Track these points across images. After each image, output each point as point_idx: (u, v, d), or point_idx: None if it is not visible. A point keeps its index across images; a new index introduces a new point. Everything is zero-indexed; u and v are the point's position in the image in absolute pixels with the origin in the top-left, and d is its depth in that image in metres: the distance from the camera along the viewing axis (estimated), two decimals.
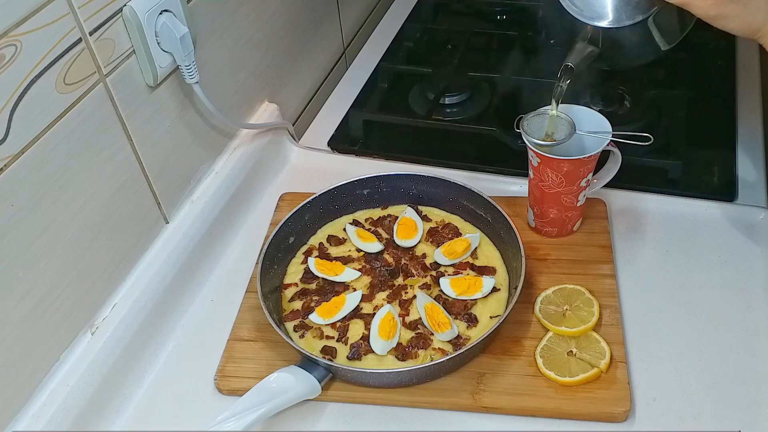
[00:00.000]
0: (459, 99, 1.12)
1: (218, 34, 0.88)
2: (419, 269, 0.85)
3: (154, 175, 0.81)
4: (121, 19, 0.71)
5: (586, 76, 1.11)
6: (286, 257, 0.88)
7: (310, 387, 0.72)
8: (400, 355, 0.76)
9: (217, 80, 0.90)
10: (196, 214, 0.88)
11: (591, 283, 0.82)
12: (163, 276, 0.82)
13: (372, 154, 1.06)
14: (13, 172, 0.62)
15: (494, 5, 1.38)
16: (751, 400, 0.72)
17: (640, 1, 0.76)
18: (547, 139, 0.82)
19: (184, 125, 0.85)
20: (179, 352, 0.82)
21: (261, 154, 1.00)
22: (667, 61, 1.18)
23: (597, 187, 0.88)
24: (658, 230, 0.90)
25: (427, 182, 0.91)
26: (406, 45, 1.29)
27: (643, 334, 0.78)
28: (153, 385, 0.79)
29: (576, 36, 0.82)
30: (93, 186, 0.72)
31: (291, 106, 1.13)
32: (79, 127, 0.68)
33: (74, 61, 0.66)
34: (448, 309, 0.80)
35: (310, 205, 0.89)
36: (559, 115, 0.82)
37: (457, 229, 0.89)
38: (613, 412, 0.71)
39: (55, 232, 0.68)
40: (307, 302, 0.83)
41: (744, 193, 0.93)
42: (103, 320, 0.76)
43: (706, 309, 0.80)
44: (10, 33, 0.59)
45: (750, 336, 0.77)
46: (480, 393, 0.73)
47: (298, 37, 1.11)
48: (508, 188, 0.97)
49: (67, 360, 0.72)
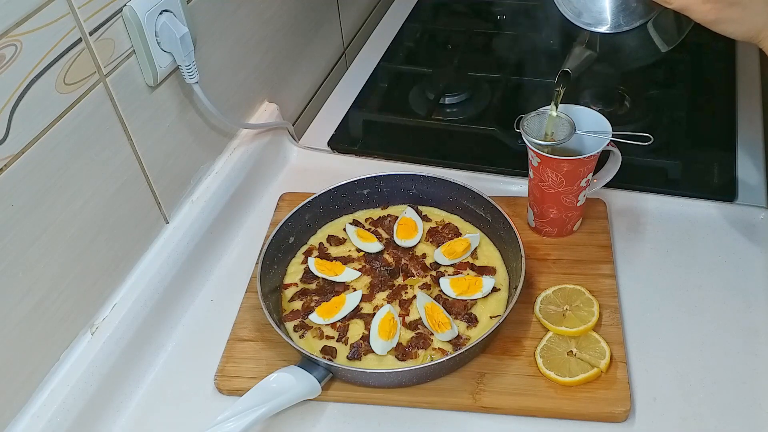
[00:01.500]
0: (459, 99, 1.12)
1: (218, 34, 0.88)
2: (419, 269, 0.85)
3: (154, 175, 0.81)
4: (121, 19, 0.71)
5: (586, 77, 1.11)
6: (286, 257, 0.88)
7: (310, 387, 0.72)
8: (400, 355, 0.76)
9: (217, 80, 0.90)
10: (196, 214, 0.88)
11: (591, 283, 0.82)
12: (163, 276, 0.82)
13: (372, 154, 1.06)
14: (13, 172, 0.62)
15: (494, 5, 1.38)
16: (751, 400, 0.72)
17: (638, 6, 0.76)
18: (547, 139, 0.82)
19: (184, 125, 0.85)
20: (179, 352, 0.82)
21: (261, 154, 1.00)
22: (667, 61, 1.18)
23: (597, 187, 0.88)
24: (658, 230, 0.90)
25: (427, 182, 0.91)
26: (406, 45, 1.30)
27: (643, 334, 0.78)
28: (153, 385, 0.79)
29: (574, 40, 0.82)
30: (93, 186, 0.72)
31: (291, 106, 1.13)
32: (79, 127, 0.68)
33: (74, 61, 0.66)
34: (448, 309, 0.80)
35: (310, 205, 0.89)
36: (559, 115, 0.82)
37: (457, 229, 0.89)
38: (613, 412, 0.71)
39: (55, 232, 0.68)
40: (307, 302, 0.83)
41: (744, 193, 0.93)
42: (103, 320, 0.76)
43: (706, 309, 0.80)
44: (10, 33, 0.59)
45: (750, 336, 0.77)
46: (480, 393, 0.73)
47: (298, 37, 1.11)
48: (508, 188, 0.97)
49: (67, 360, 0.72)
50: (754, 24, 0.71)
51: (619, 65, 0.90)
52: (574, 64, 0.80)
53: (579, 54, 0.80)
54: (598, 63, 0.81)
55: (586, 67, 0.81)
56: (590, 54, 0.80)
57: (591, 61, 0.81)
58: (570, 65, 0.80)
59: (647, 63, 0.86)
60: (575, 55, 0.81)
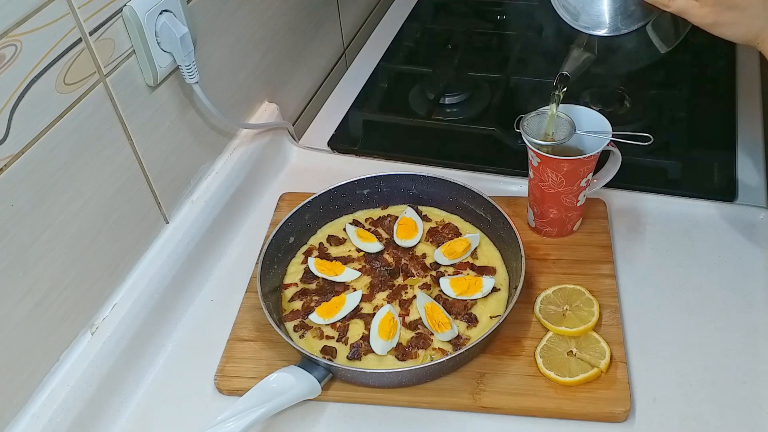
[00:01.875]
0: (459, 99, 1.12)
1: (218, 34, 0.88)
2: (419, 269, 0.85)
3: (154, 175, 0.81)
4: (121, 19, 0.71)
5: (587, 77, 1.11)
6: (286, 257, 0.88)
7: (310, 387, 0.72)
8: (400, 355, 0.76)
9: (217, 80, 0.90)
10: (196, 214, 0.88)
11: (591, 283, 0.82)
12: (163, 276, 0.82)
13: (372, 154, 1.06)
14: (13, 172, 0.62)
15: (494, 5, 1.38)
16: (751, 400, 0.72)
17: (637, 10, 0.76)
18: (547, 139, 0.82)
19: (184, 125, 0.85)
20: (179, 352, 0.82)
21: (261, 154, 1.00)
22: (667, 61, 1.18)
23: (597, 187, 0.88)
24: (658, 230, 0.90)
25: (427, 182, 0.91)
26: (406, 45, 1.30)
27: (643, 334, 0.78)
28: (153, 385, 0.79)
29: (572, 41, 0.82)
30: (93, 186, 0.72)
31: (291, 106, 1.13)
32: (79, 127, 0.68)
33: (74, 61, 0.66)
34: (448, 309, 0.80)
35: (310, 205, 0.89)
36: (559, 115, 0.82)
37: (457, 229, 0.89)
38: (613, 412, 0.71)
39: (55, 232, 0.68)
40: (307, 302, 0.83)
41: (744, 193, 0.93)
42: (103, 320, 0.76)
43: (706, 309, 0.80)
44: (10, 33, 0.59)
45: (750, 336, 0.77)
46: (480, 393, 0.73)
47: (298, 37, 1.11)
48: (508, 188, 0.97)
49: (67, 360, 0.72)
50: (752, 27, 0.71)
51: (618, 66, 0.90)
52: (572, 67, 0.80)
53: (577, 56, 0.80)
54: (597, 64, 0.81)
55: (584, 69, 0.81)
56: (588, 56, 0.80)
57: (589, 63, 0.81)
58: (568, 68, 0.80)
59: (647, 64, 0.86)
60: (573, 57, 0.81)
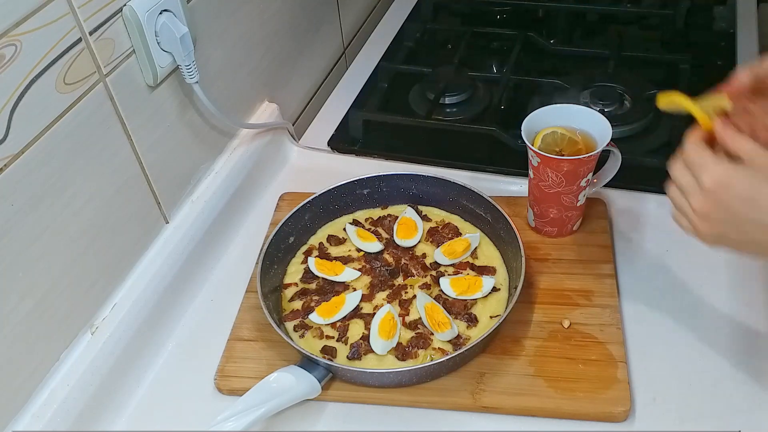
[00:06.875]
0: (459, 99, 1.12)
1: (218, 34, 0.88)
2: (419, 269, 0.85)
3: (154, 175, 0.81)
4: (121, 18, 0.71)
5: (586, 77, 1.11)
6: (286, 257, 0.88)
7: (310, 387, 0.72)
8: (400, 354, 0.76)
9: (217, 80, 0.90)
10: (196, 214, 0.88)
11: (591, 283, 0.82)
12: (163, 276, 0.82)
13: (372, 154, 1.06)
14: (13, 172, 0.62)
15: (494, 5, 1.38)
16: (751, 400, 0.72)
17: None
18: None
19: (184, 125, 0.85)
20: (179, 352, 0.82)
21: (261, 154, 1.00)
22: (668, 61, 1.18)
23: (597, 187, 0.88)
24: (658, 230, 0.89)
25: (427, 182, 0.91)
26: (406, 45, 1.29)
27: (643, 334, 0.78)
28: (153, 385, 0.79)
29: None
30: (93, 186, 0.72)
31: (291, 106, 1.13)
32: (79, 127, 0.68)
33: (74, 61, 0.66)
34: (448, 309, 0.80)
35: (310, 205, 0.89)
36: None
37: (457, 228, 0.89)
38: (613, 412, 0.71)
39: (55, 232, 0.68)
40: (307, 302, 0.83)
41: None
42: (103, 320, 0.76)
43: (706, 309, 0.80)
44: (10, 33, 0.59)
45: (750, 336, 0.77)
46: (480, 393, 0.73)
47: (298, 37, 1.11)
48: (508, 188, 0.97)
49: (67, 360, 0.72)
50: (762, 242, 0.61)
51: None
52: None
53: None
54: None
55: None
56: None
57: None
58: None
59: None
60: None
